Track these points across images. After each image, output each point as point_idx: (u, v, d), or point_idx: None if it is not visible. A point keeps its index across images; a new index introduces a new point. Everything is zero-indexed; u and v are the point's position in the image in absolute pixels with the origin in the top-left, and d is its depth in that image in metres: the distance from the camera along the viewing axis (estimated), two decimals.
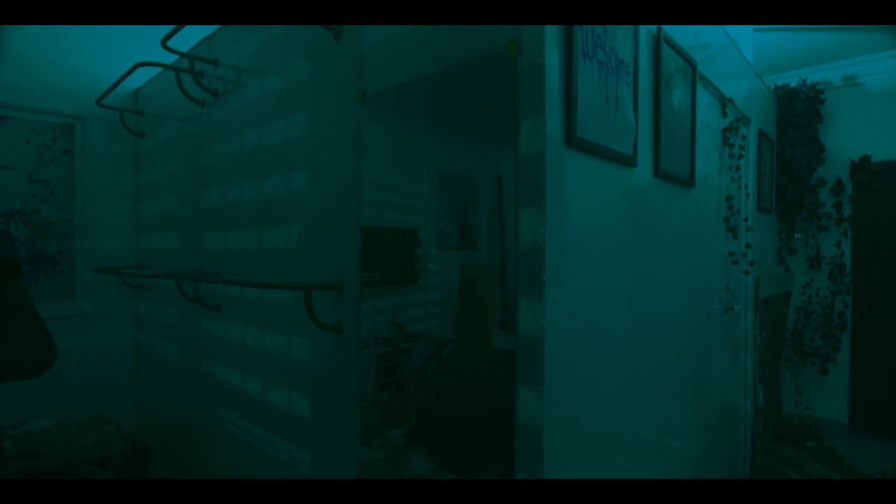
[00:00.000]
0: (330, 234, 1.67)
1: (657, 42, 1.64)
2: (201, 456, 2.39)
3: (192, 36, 2.21)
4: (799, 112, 3.63)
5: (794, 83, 3.70)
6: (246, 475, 2.06)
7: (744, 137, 2.54)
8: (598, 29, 1.25)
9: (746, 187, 2.63)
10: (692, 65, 1.90)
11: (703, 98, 2.13)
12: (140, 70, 2.43)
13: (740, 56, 2.75)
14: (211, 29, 2.27)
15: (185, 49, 2.25)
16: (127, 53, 2.78)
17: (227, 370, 2.20)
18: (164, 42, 2.02)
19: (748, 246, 2.57)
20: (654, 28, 1.64)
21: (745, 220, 2.59)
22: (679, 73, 1.79)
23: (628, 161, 1.45)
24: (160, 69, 2.66)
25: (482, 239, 4.38)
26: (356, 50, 1.52)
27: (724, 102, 2.39)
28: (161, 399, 2.81)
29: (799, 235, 3.73)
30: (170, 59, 2.33)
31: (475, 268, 4.31)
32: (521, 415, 1.12)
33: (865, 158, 3.52)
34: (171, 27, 1.99)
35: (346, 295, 1.59)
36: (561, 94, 1.15)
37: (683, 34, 1.86)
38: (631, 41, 1.44)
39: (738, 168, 2.49)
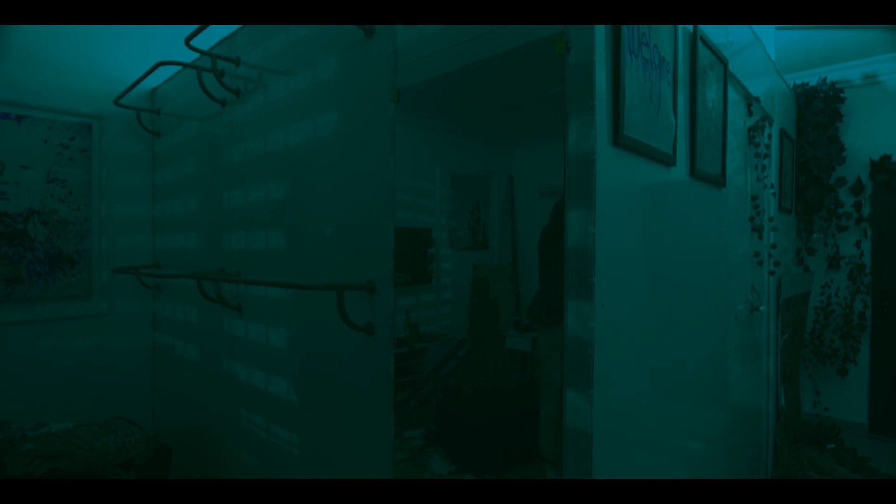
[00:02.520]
0: (361, 235, 1.65)
1: (693, 39, 1.61)
2: (223, 457, 2.38)
3: (210, 35, 2.19)
4: (819, 111, 3.59)
5: (813, 82, 3.67)
6: (271, 476, 2.04)
7: (769, 136, 2.51)
8: (644, 26, 1.23)
9: (772, 186, 2.60)
10: (724, 62, 1.88)
11: (731, 96, 2.11)
12: (156, 69, 2.41)
13: (764, 54, 2.72)
14: (230, 28, 2.25)
15: (203, 48, 2.22)
16: (143, 53, 2.78)
17: (250, 370, 2.18)
18: (187, 41, 2.00)
19: (773, 246, 2.55)
20: (689, 25, 1.62)
21: (770, 219, 2.56)
22: (712, 70, 1.77)
23: (668, 160, 1.43)
24: (178, 68, 2.64)
25: (494, 239, 4.35)
26: (390, 47, 1.50)
27: (750, 101, 2.36)
28: (179, 399, 2.80)
29: (818, 235, 3.69)
30: (188, 57, 2.32)
31: (487, 268, 4.28)
32: (569, 417, 1.10)
33: (886, 158, 3.48)
34: (189, 27, 1.96)
35: (378, 296, 1.57)
36: (608, 93, 1.13)
37: (715, 31, 1.83)
38: (671, 38, 1.42)
39: (763, 167, 2.47)
